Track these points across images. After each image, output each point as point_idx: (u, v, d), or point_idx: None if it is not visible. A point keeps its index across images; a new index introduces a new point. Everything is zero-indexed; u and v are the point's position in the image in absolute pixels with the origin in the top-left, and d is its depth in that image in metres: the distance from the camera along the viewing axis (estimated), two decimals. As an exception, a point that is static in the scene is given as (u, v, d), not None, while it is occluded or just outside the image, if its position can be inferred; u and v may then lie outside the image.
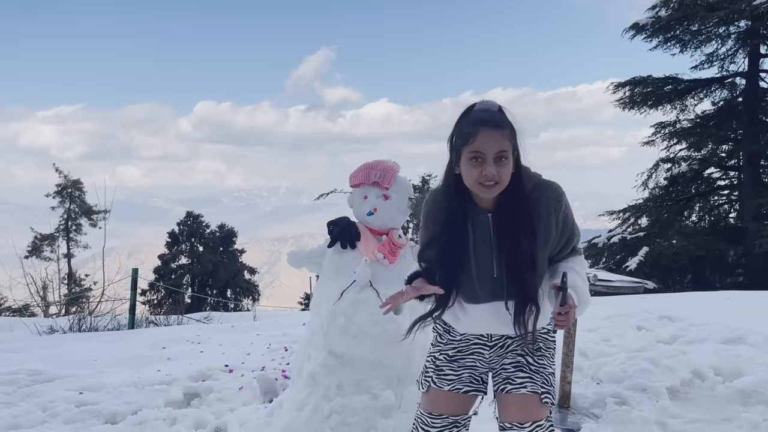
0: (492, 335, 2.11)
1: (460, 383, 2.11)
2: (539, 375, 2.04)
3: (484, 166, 1.90)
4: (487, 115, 1.95)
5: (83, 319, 9.29)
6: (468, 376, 2.12)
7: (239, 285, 33.78)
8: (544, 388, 2.03)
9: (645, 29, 15.35)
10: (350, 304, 2.93)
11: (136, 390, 4.28)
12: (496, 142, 1.90)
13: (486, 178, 1.90)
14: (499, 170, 1.90)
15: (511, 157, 1.93)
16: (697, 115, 16.21)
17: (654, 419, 3.50)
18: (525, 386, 2.02)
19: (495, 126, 1.92)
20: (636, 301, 7.14)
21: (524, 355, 2.07)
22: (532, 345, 2.07)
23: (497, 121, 1.94)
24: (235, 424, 3.49)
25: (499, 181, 1.91)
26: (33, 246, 27.92)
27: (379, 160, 3.16)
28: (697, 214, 16.82)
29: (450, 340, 2.16)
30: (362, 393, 2.91)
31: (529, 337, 2.00)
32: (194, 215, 35.24)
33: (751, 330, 4.99)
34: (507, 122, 1.96)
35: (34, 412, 3.89)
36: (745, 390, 3.78)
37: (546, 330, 2.12)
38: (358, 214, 3.16)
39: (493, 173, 1.89)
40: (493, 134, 1.90)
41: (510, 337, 2.09)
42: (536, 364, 2.06)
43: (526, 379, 2.03)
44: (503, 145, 1.91)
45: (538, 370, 2.05)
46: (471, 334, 2.13)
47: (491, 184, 1.91)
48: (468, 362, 2.12)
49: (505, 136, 1.92)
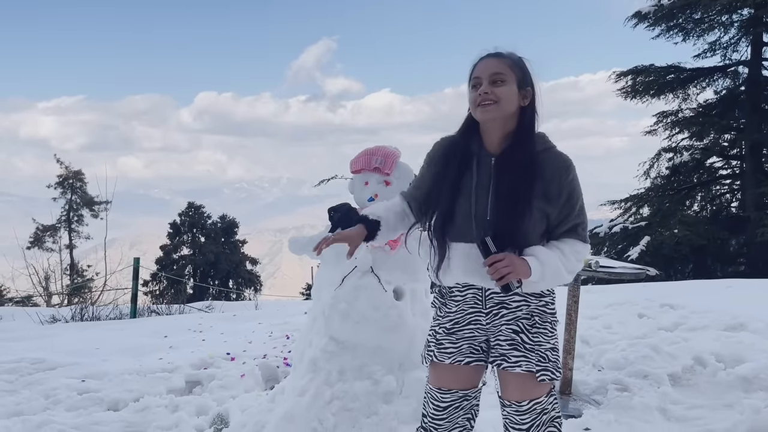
0: (487, 300, 2.04)
1: (461, 355, 2.09)
2: (534, 353, 2.00)
3: (480, 88, 1.96)
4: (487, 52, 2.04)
5: (85, 308, 9.32)
6: (467, 347, 2.09)
7: (241, 276, 33.85)
8: (540, 365, 1.99)
9: (647, 17, 15.25)
10: (351, 290, 2.93)
11: (138, 378, 4.29)
12: (491, 66, 1.99)
13: (481, 98, 1.95)
14: (494, 89, 1.95)
15: (511, 83, 1.97)
16: (700, 104, 16.14)
17: (655, 405, 3.50)
18: (520, 365, 2.00)
19: (493, 55, 2.02)
20: (637, 289, 7.16)
21: (519, 332, 2.02)
22: (527, 320, 2.01)
23: (497, 52, 2.03)
24: (236, 410, 3.50)
25: (495, 99, 1.95)
26: (35, 237, 27.97)
27: (380, 146, 3.15)
28: (698, 203, 16.78)
29: (447, 313, 2.12)
30: (363, 378, 2.91)
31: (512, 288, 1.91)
32: (195, 206, 35.26)
33: (752, 317, 5.00)
34: (511, 56, 2.02)
35: (36, 400, 3.90)
36: (746, 376, 3.79)
37: (543, 303, 2.05)
38: (359, 200, 3.15)
39: (486, 91, 1.95)
40: (490, 60, 2.00)
41: (505, 307, 2.02)
42: (531, 341, 2.01)
43: (521, 358, 2.00)
44: (499, 68, 1.97)
45: (533, 348, 2.01)
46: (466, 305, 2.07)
47: (487, 103, 1.95)
48: (466, 333, 2.09)
49: (502, 62, 1.99)
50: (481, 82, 1.97)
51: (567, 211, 1.99)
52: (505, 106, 1.96)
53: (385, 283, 2.95)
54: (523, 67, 2.02)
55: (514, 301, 2.02)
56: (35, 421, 3.47)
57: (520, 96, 2.00)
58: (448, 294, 2.12)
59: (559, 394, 3.83)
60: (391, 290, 2.96)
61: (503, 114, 1.97)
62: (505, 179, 1.96)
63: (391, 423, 2.84)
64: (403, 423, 2.84)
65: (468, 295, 2.07)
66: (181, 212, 34.93)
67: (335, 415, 2.85)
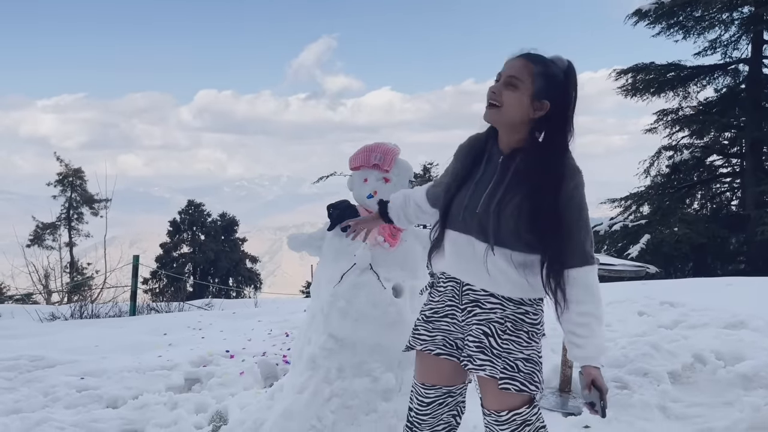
0: (463, 296, 2.00)
1: (433, 345, 2.06)
2: (500, 359, 1.90)
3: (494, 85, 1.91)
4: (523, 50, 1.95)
5: (85, 306, 9.31)
6: (441, 339, 2.05)
7: (241, 273, 33.87)
8: (505, 373, 1.89)
9: (648, 15, 15.24)
10: (350, 287, 2.92)
11: (137, 375, 4.29)
12: (513, 67, 1.89)
13: (488, 97, 1.89)
14: (501, 90, 1.87)
15: (524, 90, 1.86)
16: (700, 102, 16.12)
17: (655, 403, 3.50)
18: (484, 369, 1.91)
19: (524, 56, 1.91)
20: (637, 286, 7.15)
21: (489, 335, 1.93)
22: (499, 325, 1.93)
23: (533, 55, 1.92)
24: (235, 407, 3.49)
25: (498, 103, 1.88)
26: (35, 235, 27.97)
27: (380, 142, 3.14)
28: (699, 201, 16.77)
29: (430, 301, 2.12)
30: (362, 376, 2.90)
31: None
32: (195, 204, 35.27)
33: (752, 315, 5.00)
34: (545, 63, 1.89)
35: (35, 397, 3.90)
36: (746, 374, 3.78)
37: (523, 311, 1.95)
38: (358, 197, 3.14)
39: (494, 91, 1.88)
40: (519, 61, 1.90)
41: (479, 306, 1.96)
42: (499, 347, 1.92)
43: (486, 362, 1.91)
44: (518, 72, 1.87)
45: (500, 354, 1.91)
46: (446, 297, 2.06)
47: (491, 103, 1.89)
48: (442, 325, 2.06)
49: (528, 66, 1.88)
50: (499, 79, 1.91)
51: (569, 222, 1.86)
52: (508, 112, 1.88)
53: (384, 280, 2.94)
54: (550, 79, 1.88)
55: (489, 302, 1.96)
56: (34, 419, 3.47)
57: (532, 107, 1.88)
58: (436, 283, 2.13)
59: (558, 392, 3.82)
60: (390, 287, 2.96)
61: (505, 120, 1.90)
62: (505, 178, 1.93)
63: (390, 420, 2.84)
64: (402, 420, 2.82)
65: (448, 287, 2.06)
66: (181, 210, 34.95)
67: (334, 413, 2.84)
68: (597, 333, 1.87)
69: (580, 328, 1.87)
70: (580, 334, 1.87)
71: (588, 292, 1.88)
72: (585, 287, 1.88)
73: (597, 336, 1.87)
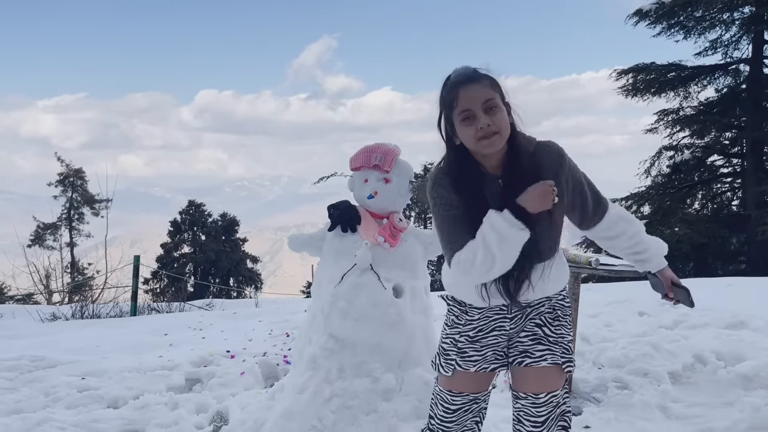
0: (511, 306, 2.03)
1: (486, 362, 2.07)
2: (558, 345, 2.03)
3: (477, 121, 1.86)
4: (462, 74, 1.93)
5: (86, 306, 9.32)
6: (492, 354, 2.07)
7: (242, 274, 33.86)
8: (565, 357, 2.03)
9: (648, 15, 15.22)
10: (351, 288, 2.93)
11: (138, 375, 4.29)
12: (479, 93, 1.87)
13: (483, 131, 1.86)
14: (492, 119, 1.86)
15: (501, 105, 1.89)
16: (701, 102, 16.09)
17: (655, 403, 3.50)
18: (545, 359, 2.01)
19: (471, 80, 1.90)
20: (638, 286, 7.14)
21: (542, 326, 2.04)
22: (549, 314, 2.04)
23: (472, 75, 1.92)
24: (236, 407, 3.50)
25: (497, 130, 1.86)
26: (36, 235, 28.01)
27: (380, 143, 3.14)
28: (699, 201, 16.75)
29: (469, 321, 2.07)
30: (363, 376, 2.91)
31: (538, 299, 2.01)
32: (196, 204, 35.27)
33: (753, 315, 5.00)
34: (483, 75, 1.92)
35: (36, 397, 3.91)
36: (746, 374, 3.78)
37: (562, 296, 2.09)
38: (359, 198, 3.15)
39: (488, 122, 1.85)
40: (473, 87, 1.88)
41: (530, 306, 2.04)
42: (554, 334, 2.04)
43: (546, 351, 2.01)
44: (487, 94, 1.87)
45: (557, 341, 2.03)
46: (490, 312, 2.05)
47: (490, 134, 1.86)
48: (491, 340, 2.06)
49: (485, 86, 1.89)
50: (475, 114, 1.86)
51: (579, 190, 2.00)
52: (505, 133, 1.89)
53: (384, 280, 2.95)
54: (496, 82, 1.94)
55: (536, 299, 2.04)
56: (35, 419, 3.47)
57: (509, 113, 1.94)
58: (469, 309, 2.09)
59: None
60: (390, 288, 2.96)
61: (504, 141, 1.91)
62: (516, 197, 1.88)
63: (391, 421, 2.84)
64: (403, 420, 2.84)
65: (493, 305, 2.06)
66: (181, 210, 34.95)
67: (334, 413, 2.85)
68: (651, 242, 2.14)
69: (638, 246, 2.12)
70: (640, 249, 2.12)
71: (625, 220, 2.11)
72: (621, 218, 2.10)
73: (653, 244, 2.14)
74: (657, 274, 2.16)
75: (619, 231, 2.09)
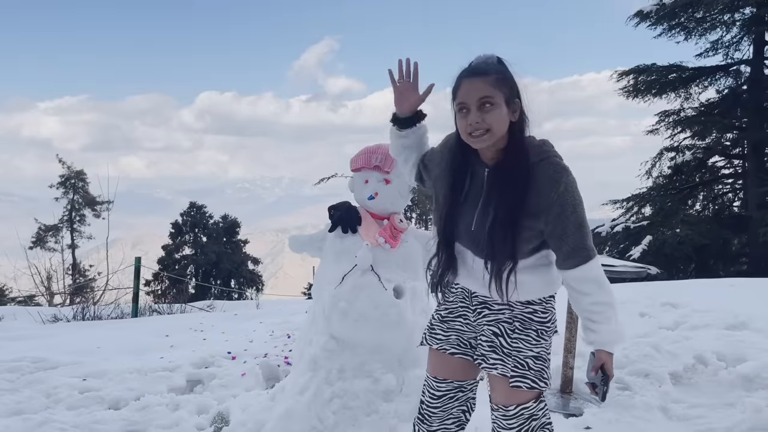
0: (472, 298, 2.08)
1: (448, 344, 2.12)
2: (510, 358, 1.96)
3: (469, 116, 1.87)
4: (473, 66, 1.92)
5: (87, 308, 9.33)
6: (455, 338, 2.12)
7: (243, 275, 33.86)
8: (516, 371, 1.95)
9: (649, 16, 15.23)
10: (351, 289, 2.93)
11: (139, 376, 4.29)
12: (477, 89, 1.86)
13: (471, 127, 1.86)
14: (483, 116, 1.84)
15: (500, 104, 1.86)
16: (702, 103, 16.10)
17: (656, 404, 3.50)
18: (496, 368, 1.98)
19: (476, 74, 1.88)
20: (639, 287, 7.13)
21: (498, 335, 2.00)
22: (507, 324, 1.99)
23: (480, 68, 1.90)
24: (237, 409, 3.50)
25: (487, 128, 1.85)
26: (37, 237, 28.01)
27: (380, 144, 3.14)
28: (701, 202, 16.74)
29: (445, 301, 2.16)
30: (363, 377, 2.91)
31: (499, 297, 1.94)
32: (197, 206, 35.28)
33: (754, 316, 4.99)
34: (494, 70, 1.89)
35: (37, 398, 3.90)
36: (747, 375, 3.78)
37: (531, 310, 2.00)
38: (359, 199, 3.15)
39: (477, 120, 1.85)
40: (474, 82, 1.87)
41: (488, 307, 2.04)
42: (509, 346, 1.98)
43: (498, 361, 1.98)
44: (485, 91, 1.85)
45: (510, 353, 1.97)
46: (458, 298, 2.12)
47: (478, 133, 1.86)
48: (456, 325, 2.12)
49: (488, 82, 1.86)
50: (469, 108, 1.86)
51: (561, 225, 1.87)
52: (497, 131, 1.86)
53: (385, 281, 2.95)
54: (508, 78, 1.90)
55: (497, 303, 2.02)
56: (36, 420, 3.47)
57: (510, 112, 1.89)
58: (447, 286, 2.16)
59: (560, 393, 3.82)
60: (391, 288, 2.96)
61: (496, 139, 1.88)
62: (495, 193, 1.90)
63: (391, 421, 2.84)
64: (403, 421, 2.84)
65: (458, 290, 2.14)
66: (183, 212, 34.95)
67: (335, 414, 2.85)
68: (612, 319, 1.93)
69: (594, 315, 1.93)
70: (595, 320, 1.93)
71: (596, 285, 1.93)
72: (593, 281, 1.93)
73: (612, 322, 1.93)
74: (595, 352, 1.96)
75: (586, 291, 1.93)
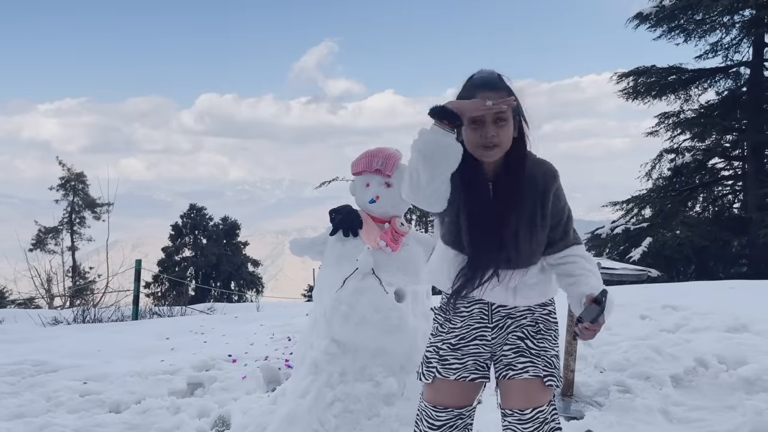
0: (493, 314, 2.06)
1: (466, 371, 2.06)
2: (540, 358, 2.01)
3: (484, 129, 1.90)
4: (485, 79, 1.96)
5: (87, 310, 9.32)
6: (473, 363, 2.07)
7: (243, 277, 33.84)
8: (546, 371, 2.00)
9: (649, 18, 15.24)
10: (353, 292, 2.93)
11: (139, 379, 4.29)
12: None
13: (486, 141, 1.90)
14: (498, 132, 1.89)
15: (511, 120, 1.93)
16: (701, 105, 16.10)
17: (657, 407, 3.50)
18: (527, 371, 2.00)
19: (492, 88, 1.92)
20: (639, 290, 7.14)
21: (524, 338, 2.04)
22: (531, 327, 2.05)
23: (495, 83, 1.95)
24: (238, 412, 3.50)
25: (499, 143, 1.90)
26: (37, 239, 27.98)
27: (381, 147, 3.15)
28: (700, 204, 16.74)
29: (451, 329, 2.09)
30: (365, 380, 2.91)
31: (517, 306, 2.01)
32: (197, 208, 35.26)
33: (755, 318, 4.99)
34: (505, 86, 1.96)
35: (38, 402, 3.91)
36: (748, 378, 3.77)
37: (547, 311, 2.10)
38: (360, 202, 3.15)
39: (492, 134, 1.89)
40: (490, 96, 1.89)
41: (510, 317, 2.06)
42: (537, 347, 2.03)
43: (528, 364, 2.00)
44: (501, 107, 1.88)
45: (539, 354, 2.02)
46: (472, 320, 2.07)
47: (491, 146, 1.90)
48: (472, 349, 2.07)
49: (502, 97, 1.89)
50: (485, 122, 1.89)
51: (558, 214, 2.01)
52: (507, 145, 1.93)
53: (386, 285, 2.95)
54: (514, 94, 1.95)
55: (518, 311, 2.05)
56: (37, 423, 3.48)
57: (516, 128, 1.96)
58: (453, 310, 2.10)
59: (560, 396, 3.82)
60: (392, 292, 2.96)
61: (503, 152, 1.94)
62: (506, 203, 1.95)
63: (393, 425, 2.84)
64: (405, 425, 2.84)
65: (474, 310, 2.08)
66: (182, 214, 34.94)
67: (336, 417, 2.85)
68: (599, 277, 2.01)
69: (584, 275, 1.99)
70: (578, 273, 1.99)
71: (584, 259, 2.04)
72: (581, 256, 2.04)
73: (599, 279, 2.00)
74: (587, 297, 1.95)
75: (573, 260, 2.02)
